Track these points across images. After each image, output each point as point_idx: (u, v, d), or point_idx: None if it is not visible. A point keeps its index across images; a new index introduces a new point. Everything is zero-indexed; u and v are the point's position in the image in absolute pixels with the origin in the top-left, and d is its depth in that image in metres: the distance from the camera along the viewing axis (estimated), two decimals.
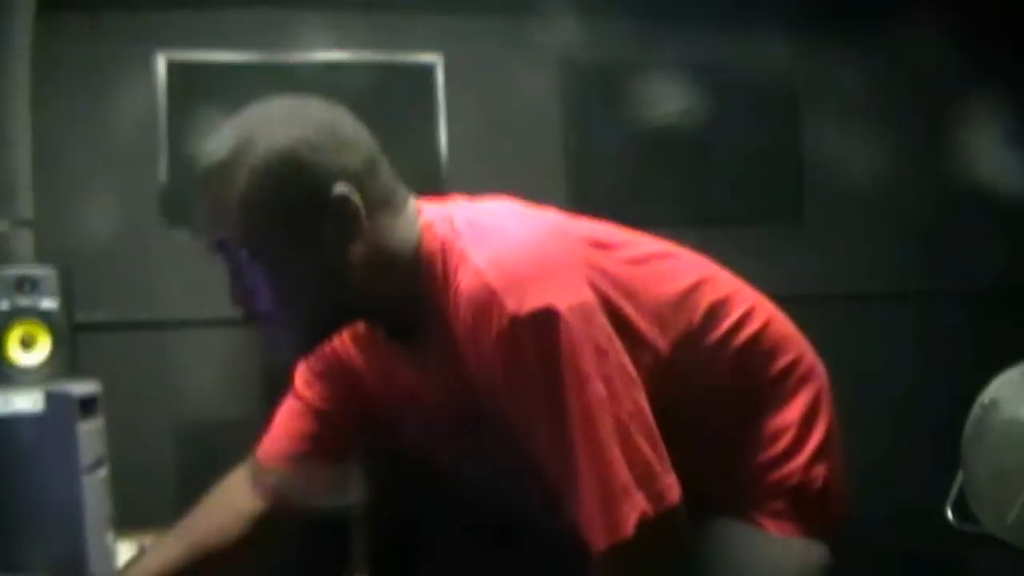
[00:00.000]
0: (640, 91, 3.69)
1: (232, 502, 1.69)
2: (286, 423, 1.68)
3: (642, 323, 1.39)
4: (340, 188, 1.32)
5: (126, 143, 3.30)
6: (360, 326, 1.52)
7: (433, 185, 3.27)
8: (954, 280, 3.89)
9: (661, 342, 1.40)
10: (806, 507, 1.49)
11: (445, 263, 1.36)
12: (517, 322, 1.26)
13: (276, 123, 1.33)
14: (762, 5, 3.68)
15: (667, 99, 3.69)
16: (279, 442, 1.68)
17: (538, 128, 3.62)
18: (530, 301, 1.26)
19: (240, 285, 1.37)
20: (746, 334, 1.51)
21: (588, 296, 1.30)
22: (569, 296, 1.28)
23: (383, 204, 1.38)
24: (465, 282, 1.31)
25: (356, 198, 1.33)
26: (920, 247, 3.89)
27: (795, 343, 1.58)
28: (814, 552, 1.48)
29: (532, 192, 1.64)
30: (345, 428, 1.68)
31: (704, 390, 1.47)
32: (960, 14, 3.63)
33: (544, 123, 3.63)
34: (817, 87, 3.83)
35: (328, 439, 1.67)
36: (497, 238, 1.35)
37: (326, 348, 1.55)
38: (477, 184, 1.93)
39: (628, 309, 1.37)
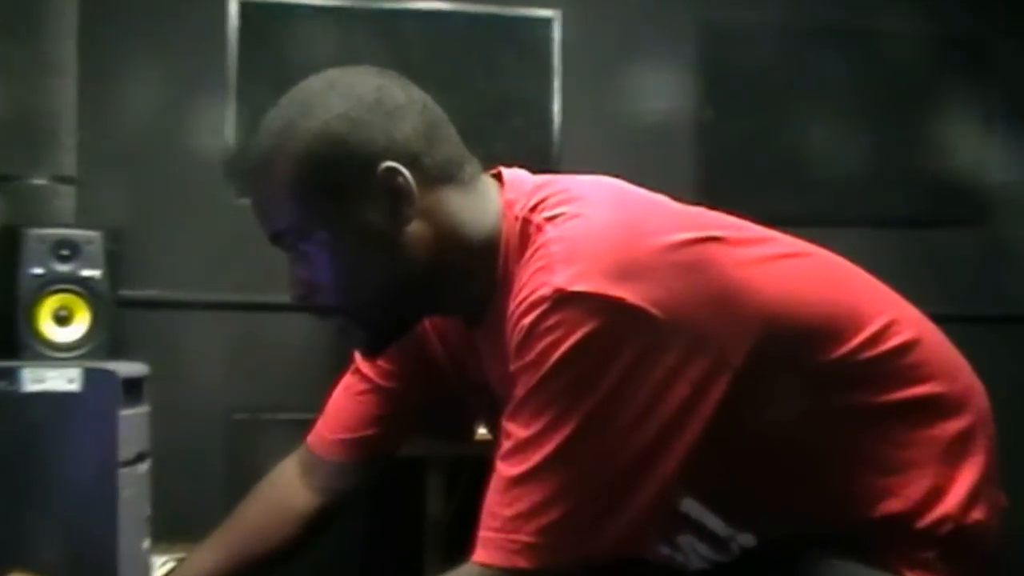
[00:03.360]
0: (791, 62, 3.65)
1: (280, 500, 1.69)
2: (344, 404, 1.68)
3: (733, 339, 1.34)
4: (386, 163, 1.35)
5: (191, 97, 3.35)
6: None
7: (542, 159, 3.29)
8: None
9: (742, 354, 1.35)
10: (962, 557, 1.44)
11: (524, 244, 1.38)
12: (560, 296, 1.25)
13: (315, 102, 1.37)
14: None
15: (821, 71, 3.64)
16: (336, 426, 1.67)
17: (667, 99, 3.58)
18: (584, 280, 1.26)
19: (301, 278, 1.41)
20: (879, 351, 1.44)
21: (659, 304, 1.27)
22: (635, 295, 1.26)
23: (445, 179, 1.40)
24: (535, 258, 1.32)
25: (407, 173, 1.35)
26: None
27: (945, 365, 1.51)
28: None
29: (655, 177, 1.63)
30: (413, 410, 1.68)
31: (822, 413, 1.43)
32: None
33: (675, 94, 3.60)
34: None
35: (393, 422, 1.67)
36: (583, 215, 1.34)
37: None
38: (593, 161, 1.93)
39: (715, 320, 1.33)
